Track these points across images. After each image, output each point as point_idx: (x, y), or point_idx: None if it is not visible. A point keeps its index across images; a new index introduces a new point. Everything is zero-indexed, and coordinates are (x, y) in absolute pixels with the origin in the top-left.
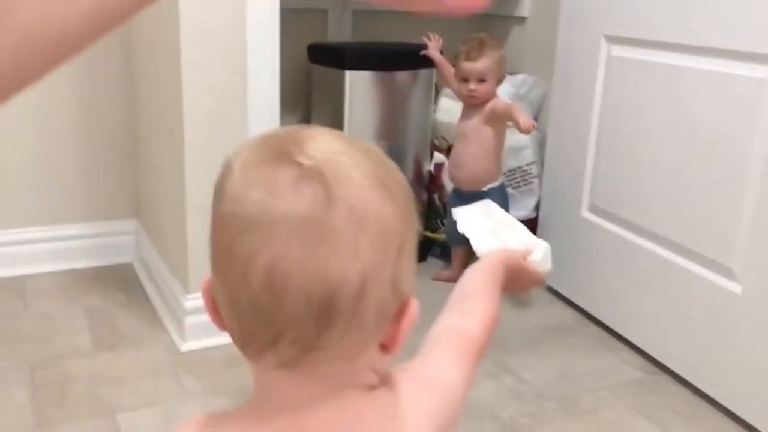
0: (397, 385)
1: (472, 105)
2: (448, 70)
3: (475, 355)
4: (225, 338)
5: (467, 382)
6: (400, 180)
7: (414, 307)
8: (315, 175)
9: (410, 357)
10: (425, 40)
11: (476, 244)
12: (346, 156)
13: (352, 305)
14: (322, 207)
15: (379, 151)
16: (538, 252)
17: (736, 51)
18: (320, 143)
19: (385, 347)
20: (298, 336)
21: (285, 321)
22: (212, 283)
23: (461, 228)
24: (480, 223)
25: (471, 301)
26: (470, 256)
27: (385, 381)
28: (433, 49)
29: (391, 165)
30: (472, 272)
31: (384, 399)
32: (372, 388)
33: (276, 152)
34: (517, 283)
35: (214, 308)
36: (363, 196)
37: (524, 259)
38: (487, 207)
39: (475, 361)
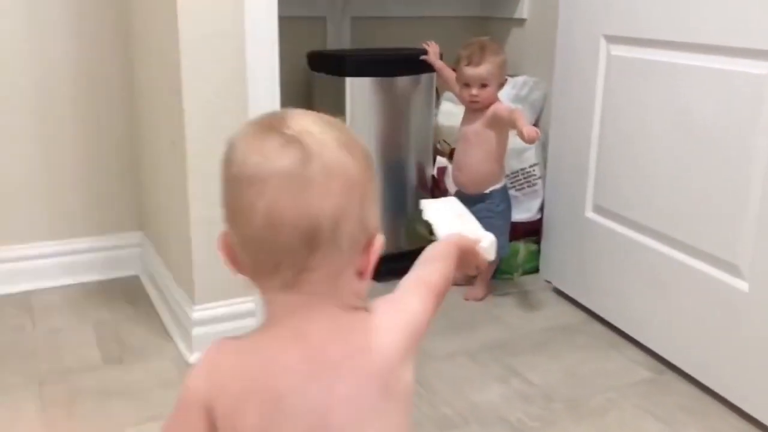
0: (376, 309)
1: (474, 109)
2: (449, 74)
3: (434, 297)
4: None
5: (428, 313)
6: (359, 143)
7: (379, 240)
8: (295, 141)
9: None
10: (424, 46)
11: (438, 230)
12: (317, 126)
13: (330, 234)
14: (301, 163)
15: (341, 123)
16: (485, 241)
17: (736, 48)
18: (297, 119)
19: (360, 273)
20: (293, 261)
21: (283, 250)
22: (227, 233)
23: (426, 216)
24: (443, 214)
25: (431, 264)
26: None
27: (366, 308)
28: (433, 55)
29: (352, 132)
30: (433, 246)
31: (364, 315)
32: (355, 309)
33: (266, 128)
34: (466, 262)
35: (230, 255)
36: (331, 154)
37: (474, 245)
38: (450, 202)
39: (435, 301)
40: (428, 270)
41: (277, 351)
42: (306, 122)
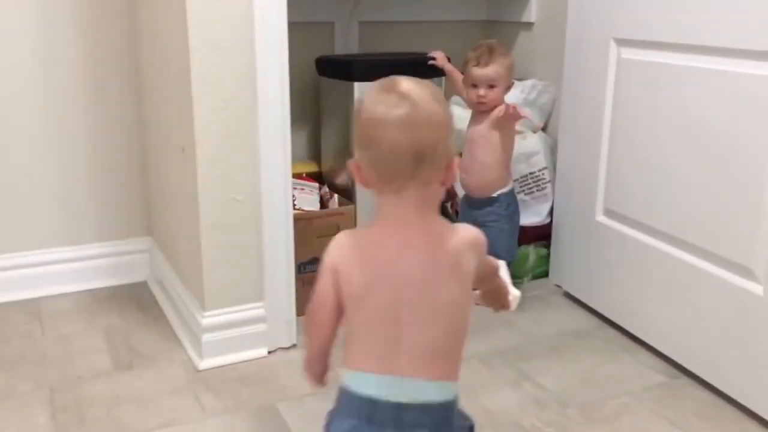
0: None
1: (480, 111)
2: (459, 77)
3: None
4: (243, 355)
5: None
6: (443, 98)
7: (456, 161)
8: (405, 96)
9: None
10: (430, 55)
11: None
12: (418, 87)
13: (429, 156)
14: (411, 111)
15: (432, 85)
16: (513, 293)
17: (748, 50)
18: (404, 83)
19: (442, 183)
20: (405, 173)
21: (399, 166)
22: (359, 159)
23: None
24: None
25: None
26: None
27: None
28: (441, 60)
29: (438, 91)
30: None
31: (442, 220)
32: (435, 212)
33: (385, 88)
34: (494, 295)
35: (359, 173)
36: (428, 105)
37: (506, 288)
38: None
39: (480, 268)
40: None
41: (381, 235)
42: (410, 85)
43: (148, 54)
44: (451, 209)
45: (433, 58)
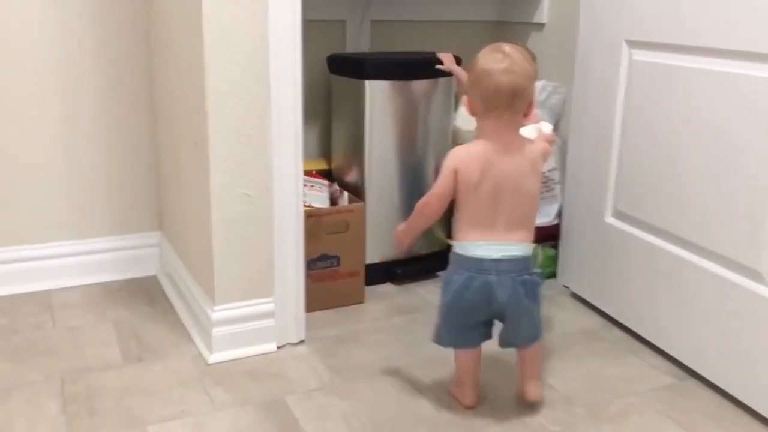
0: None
1: None
2: (465, 79)
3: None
4: (251, 350)
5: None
6: (531, 58)
7: (534, 101)
8: (507, 55)
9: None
10: (438, 56)
11: None
12: (515, 51)
13: (521, 95)
14: (510, 64)
15: (524, 49)
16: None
17: (761, 53)
18: (507, 47)
19: (525, 114)
20: (506, 104)
21: (502, 99)
22: (470, 96)
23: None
24: None
25: None
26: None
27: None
28: (449, 62)
29: (527, 53)
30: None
31: (524, 137)
32: (520, 133)
33: (494, 50)
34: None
35: (471, 106)
36: (521, 62)
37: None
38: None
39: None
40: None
41: (489, 144)
42: (509, 48)
43: (162, 48)
44: None
45: (441, 62)
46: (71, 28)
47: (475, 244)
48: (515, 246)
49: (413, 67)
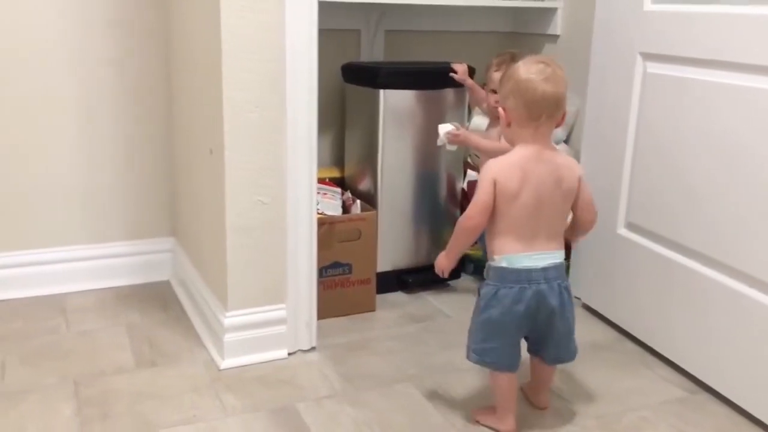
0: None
1: (495, 116)
2: (480, 93)
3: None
4: (263, 356)
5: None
6: (563, 69)
7: (566, 113)
8: (549, 64)
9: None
10: (453, 66)
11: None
12: (553, 61)
13: (562, 103)
14: (554, 73)
15: (557, 61)
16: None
17: None
18: (545, 58)
19: (558, 124)
20: (549, 112)
21: (546, 107)
22: (508, 106)
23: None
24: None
25: None
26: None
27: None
28: (462, 73)
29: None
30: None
31: (554, 149)
32: (551, 143)
33: (534, 61)
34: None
35: (508, 116)
36: (560, 71)
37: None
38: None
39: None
40: None
41: (525, 154)
42: (547, 59)
43: (180, 55)
44: None
45: (455, 71)
46: (90, 36)
47: (522, 256)
48: (556, 253)
49: (427, 77)
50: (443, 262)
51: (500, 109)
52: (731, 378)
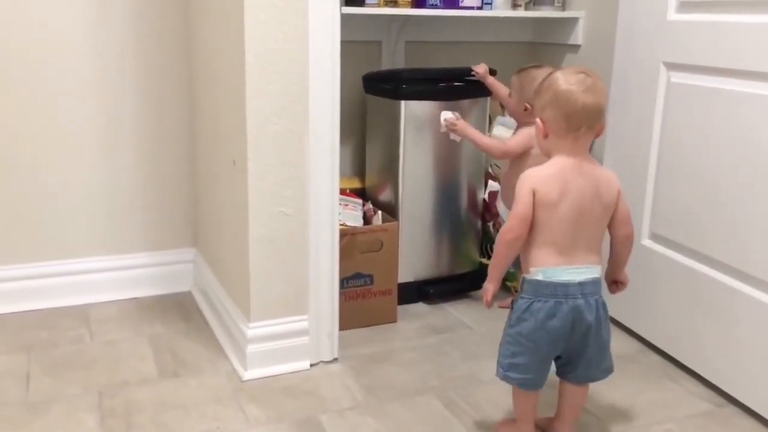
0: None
1: (521, 121)
2: (502, 90)
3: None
4: (286, 367)
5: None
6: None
7: (605, 124)
8: (589, 75)
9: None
10: (474, 67)
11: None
12: (592, 71)
13: (603, 113)
14: (595, 84)
15: (596, 73)
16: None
17: None
18: (584, 68)
19: (597, 134)
20: (588, 123)
21: (587, 118)
22: (546, 117)
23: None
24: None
25: None
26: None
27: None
28: (483, 72)
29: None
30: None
31: (593, 160)
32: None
33: (573, 72)
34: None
35: (545, 127)
36: (600, 82)
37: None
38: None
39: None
40: None
41: (564, 165)
42: (587, 69)
43: (203, 67)
44: (493, 228)
45: (475, 72)
46: (113, 49)
47: (559, 269)
48: (594, 268)
49: (448, 88)
50: (489, 289)
51: (537, 120)
52: (759, 391)
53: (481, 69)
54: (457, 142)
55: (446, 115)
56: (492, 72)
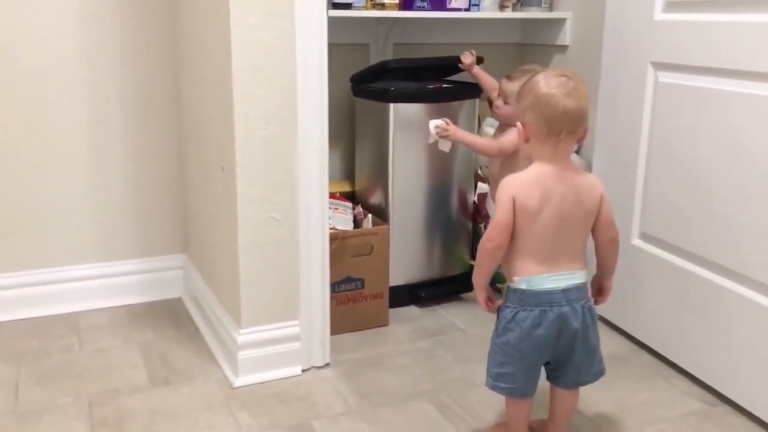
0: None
1: (505, 123)
2: (488, 81)
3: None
4: (276, 373)
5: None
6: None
7: (587, 128)
8: (571, 78)
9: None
10: (462, 57)
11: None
12: (575, 74)
13: (584, 117)
14: (576, 87)
15: (578, 74)
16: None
17: None
18: (566, 71)
19: (579, 139)
20: (569, 127)
21: (568, 123)
22: (528, 121)
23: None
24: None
25: None
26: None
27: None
28: (470, 62)
29: (581, 77)
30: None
31: (573, 166)
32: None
33: (555, 75)
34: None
35: (526, 131)
36: (582, 86)
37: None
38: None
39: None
40: None
41: (545, 171)
42: (569, 72)
43: (191, 73)
44: (484, 229)
45: (461, 61)
46: (100, 54)
47: (542, 278)
48: (579, 274)
49: (437, 90)
50: (480, 296)
51: (518, 124)
52: (751, 390)
53: (467, 59)
54: (446, 152)
55: (435, 123)
56: (479, 60)
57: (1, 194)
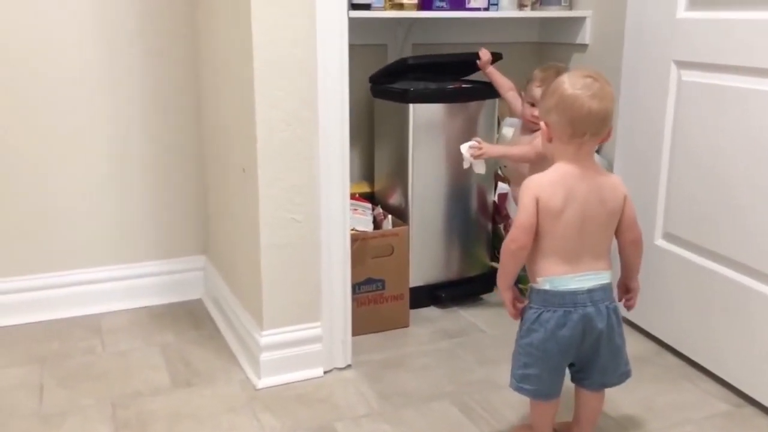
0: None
1: (531, 128)
2: (501, 80)
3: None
4: (299, 375)
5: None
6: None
7: (611, 129)
8: (597, 79)
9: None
10: (480, 53)
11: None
12: (600, 75)
13: (609, 119)
14: (602, 88)
15: (604, 77)
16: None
17: None
18: (592, 72)
19: (602, 140)
20: (593, 129)
21: (593, 124)
22: (551, 122)
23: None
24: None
25: None
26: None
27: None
28: (485, 60)
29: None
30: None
31: (598, 166)
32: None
33: (581, 75)
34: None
35: (549, 132)
36: (608, 87)
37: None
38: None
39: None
40: None
41: (567, 171)
42: (595, 73)
43: (211, 74)
44: (504, 230)
45: (479, 58)
46: (121, 57)
47: (566, 278)
48: (603, 274)
49: (456, 90)
50: (506, 298)
51: (542, 124)
52: None
53: (484, 56)
54: (482, 174)
55: (467, 145)
56: (496, 56)
57: (22, 197)
